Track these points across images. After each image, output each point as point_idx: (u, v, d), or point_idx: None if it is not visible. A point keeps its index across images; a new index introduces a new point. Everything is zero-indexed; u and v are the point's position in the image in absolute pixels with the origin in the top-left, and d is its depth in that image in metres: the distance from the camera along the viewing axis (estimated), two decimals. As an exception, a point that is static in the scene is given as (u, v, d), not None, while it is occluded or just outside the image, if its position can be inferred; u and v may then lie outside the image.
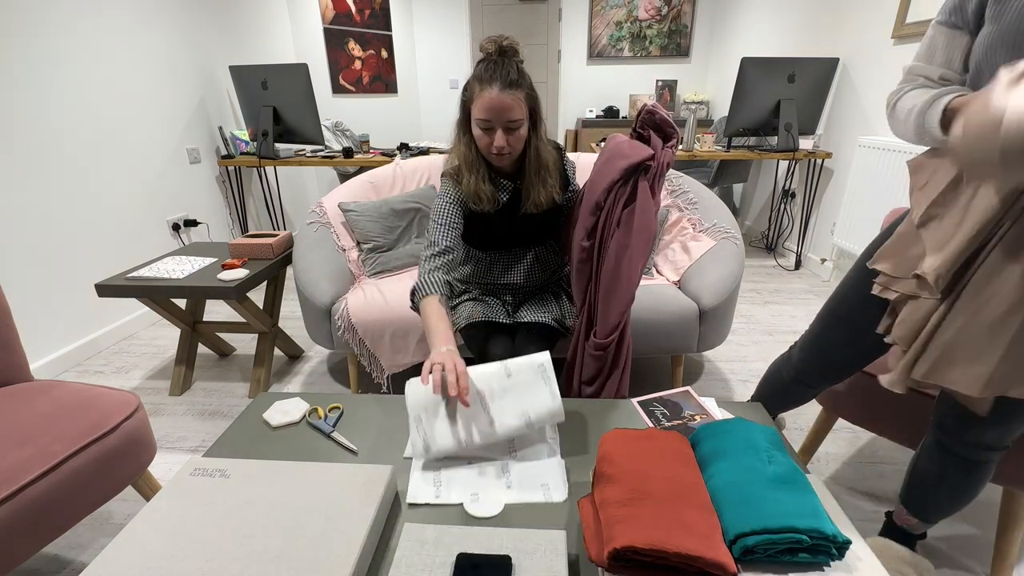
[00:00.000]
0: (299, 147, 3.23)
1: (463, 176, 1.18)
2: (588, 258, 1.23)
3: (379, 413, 1.03)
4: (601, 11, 4.59)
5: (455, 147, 1.20)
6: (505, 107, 1.06)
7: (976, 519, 1.29)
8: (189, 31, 2.74)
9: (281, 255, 1.85)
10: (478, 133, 1.12)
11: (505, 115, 1.07)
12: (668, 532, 0.58)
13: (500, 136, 1.09)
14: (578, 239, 1.23)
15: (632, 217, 1.15)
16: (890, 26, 2.40)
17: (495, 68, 1.06)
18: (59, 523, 0.96)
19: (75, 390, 1.15)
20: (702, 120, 4.35)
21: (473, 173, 1.17)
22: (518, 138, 1.12)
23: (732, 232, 1.78)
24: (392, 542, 0.72)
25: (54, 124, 2.02)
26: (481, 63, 1.09)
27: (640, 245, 1.16)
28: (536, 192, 1.21)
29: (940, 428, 0.91)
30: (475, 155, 1.17)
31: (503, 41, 1.08)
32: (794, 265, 3.14)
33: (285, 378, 2.00)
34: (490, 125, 1.09)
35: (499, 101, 1.05)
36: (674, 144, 1.17)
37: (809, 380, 1.13)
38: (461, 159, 1.18)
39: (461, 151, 1.18)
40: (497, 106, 1.05)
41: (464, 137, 1.16)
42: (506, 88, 1.05)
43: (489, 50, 1.09)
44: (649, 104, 1.19)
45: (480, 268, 1.42)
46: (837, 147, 2.86)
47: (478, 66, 1.09)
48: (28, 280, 1.94)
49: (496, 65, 1.06)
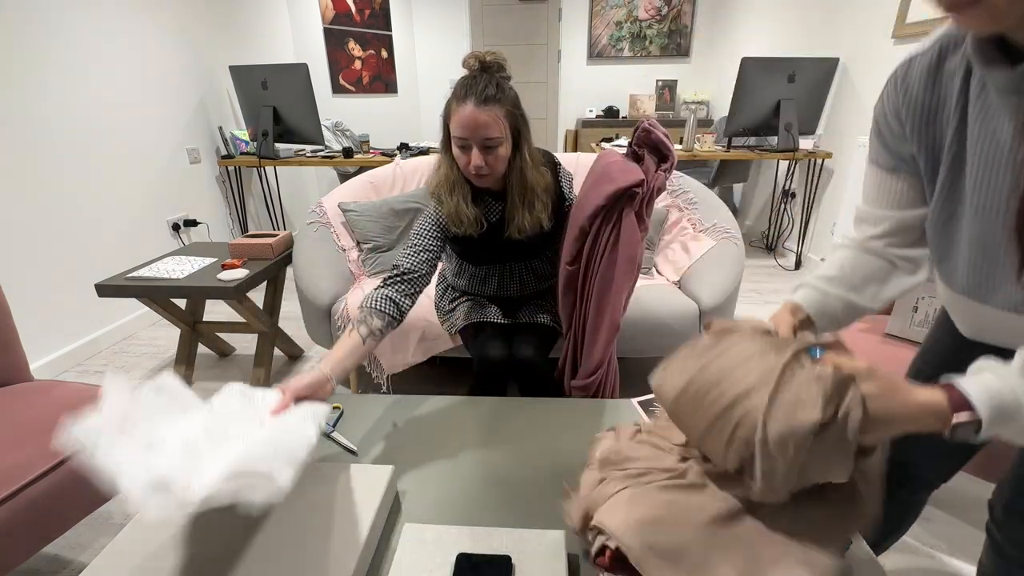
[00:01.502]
0: (299, 147, 3.23)
1: (443, 197, 1.13)
2: (572, 286, 1.19)
3: (379, 413, 1.03)
4: (601, 11, 4.59)
5: (438, 167, 1.15)
6: (480, 124, 1.00)
7: (976, 519, 1.29)
8: (189, 31, 2.74)
9: (281, 255, 1.85)
10: (456, 152, 1.07)
11: (481, 132, 1.01)
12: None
13: (476, 155, 1.03)
14: (564, 260, 1.20)
15: (616, 249, 1.10)
16: (890, 26, 2.40)
17: (472, 83, 1.02)
18: (59, 523, 0.96)
19: (75, 390, 1.15)
20: (702, 120, 4.35)
21: (455, 194, 1.12)
22: (497, 158, 1.05)
23: (732, 232, 1.78)
24: (392, 542, 0.72)
25: (54, 124, 2.02)
26: (461, 79, 1.05)
27: (623, 277, 1.12)
28: (521, 217, 1.14)
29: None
30: (457, 175, 1.12)
31: (486, 57, 1.05)
32: (794, 265, 3.14)
33: (285, 378, 2.00)
34: (467, 143, 1.03)
35: (473, 118, 1.00)
36: (669, 167, 1.12)
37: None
38: (443, 179, 1.13)
39: (443, 171, 1.13)
40: (471, 123, 1.00)
41: (446, 157, 1.11)
42: (481, 104, 1.00)
43: (471, 66, 1.05)
44: (646, 122, 1.13)
45: (475, 282, 1.39)
46: (837, 147, 2.86)
47: (458, 82, 1.05)
48: (28, 280, 1.94)
49: (474, 80, 1.03)
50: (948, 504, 1.33)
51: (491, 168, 1.06)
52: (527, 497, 0.80)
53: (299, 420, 0.71)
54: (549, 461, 0.88)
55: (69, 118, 2.08)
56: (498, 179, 1.12)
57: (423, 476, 0.85)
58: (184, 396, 0.71)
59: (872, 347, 1.28)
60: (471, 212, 1.13)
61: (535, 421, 0.99)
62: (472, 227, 1.14)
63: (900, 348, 1.28)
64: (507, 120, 1.04)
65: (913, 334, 1.31)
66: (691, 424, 0.59)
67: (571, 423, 0.98)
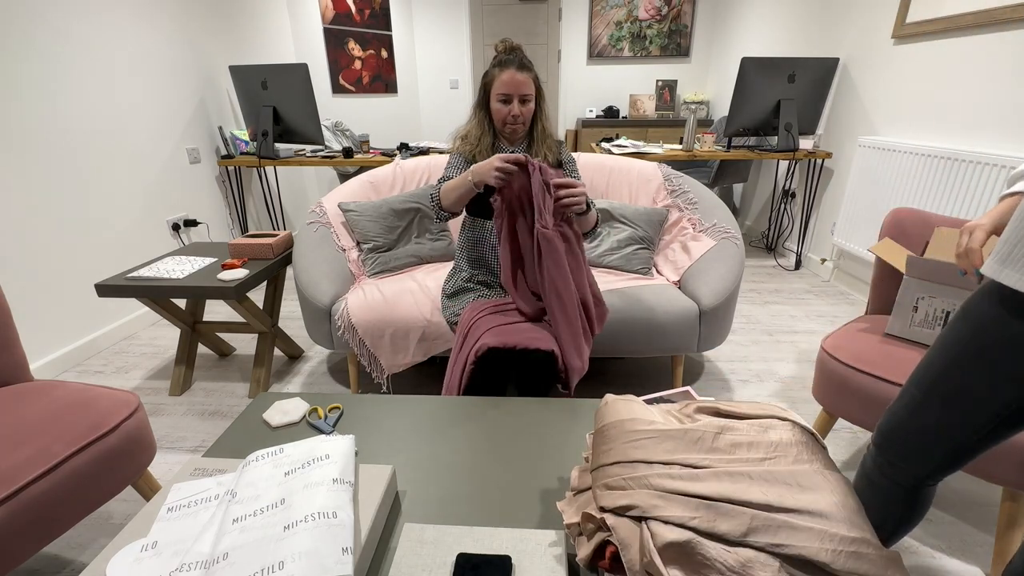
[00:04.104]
0: (299, 147, 3.23)
1: (472, 140, 1.44)
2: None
3: (379, 413, 1.03)
4: (601, 11, 4.59)
5: (471, 121, 1.46)
6: (520, 82, 1.34)
7: (976, 519, 1.29)
8: (189, 31, 2.74)
9: (281, 255, 1.85)
10: (497, 107, 1.38)
11: (521, 88, 1.34)
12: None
13: (516, 106, 1.36)
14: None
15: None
16: (890, 26, 2.40)
17: (510, 57, 1.35)
18: (59, 523, 0.96)
19: (75, 390, 1.15)
20: (702, 120, 4.35)
21: (483, 137, 1.44)
22: (529, 110, 1.39)
23: (732, 232, 1.78)
24: (392, 542, 0.72)
25: (54, 124, 2.02)
26: (497, 55, 1.39)
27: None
28: (542, 155, 1.45)
29: None
30: (486, 127, 1.44)
31: (512, 42, 1.39)
32: (794, 265, 3.14)
33: (285, 378, 2.00)
34: (509, 97, 1.36)
35: (515, 78, 1.33)
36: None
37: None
38: (475, 127, 1.45)
39: (476, 123, 1.45)
40: (513, 82, 1.33)
41: (480, 113, 1.43)
42: (520, 69, 1.34)
43: (503, 48, 1.39)
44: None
45: (486, 249, 1.49)
46: (837, 147, 2.86)
47: (496, 57, 1.38)
48: (28, 280, 1.94)
49: (512, 54, 1.36)
50: (948, 504, 1.33)
51: (524, 117, 1.39)
52: (527, 497, 0.80)
53: (328, 497, 0.66)
54: (549, 461, 0.88)
55: (69, 118, 2.08)
56: (521, 135, 1.45)
57: (423, 476, 0.85)
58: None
59: (872, 347, 1.28)
60: (488, 145, 1.45)
61: (535, 421, 0.99)
62: (485, 157, 1.40)
63: (900, 348, 1.28)
64: (535, 84, 1.38)
65: (913, 334, 1.31)
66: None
67: (571, 423, 0.98)
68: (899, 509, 0.88)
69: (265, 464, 0.74)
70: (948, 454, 0.78)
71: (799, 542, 0.53)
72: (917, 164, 2.22)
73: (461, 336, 1.33)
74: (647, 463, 0.61)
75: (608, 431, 0.67)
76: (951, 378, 0.74)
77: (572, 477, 0.72)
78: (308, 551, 0.59)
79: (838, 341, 1.33)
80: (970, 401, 0.72)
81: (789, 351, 2.13)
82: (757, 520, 0.54)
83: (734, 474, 0.58)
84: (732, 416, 0.69)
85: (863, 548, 0.54)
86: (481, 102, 1.43)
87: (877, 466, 0.87)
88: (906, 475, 0.84)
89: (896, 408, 0.83)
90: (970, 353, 0.71)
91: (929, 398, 0.77)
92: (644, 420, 0.66)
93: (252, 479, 0.72)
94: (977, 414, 0.72)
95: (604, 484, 0.62)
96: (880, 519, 0.89)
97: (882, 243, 1.46)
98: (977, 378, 0.71)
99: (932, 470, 0.81)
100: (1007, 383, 0.68)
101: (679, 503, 0.56)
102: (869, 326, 1.41)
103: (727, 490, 0.57)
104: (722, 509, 0.55)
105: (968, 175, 1.99)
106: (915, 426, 0.79)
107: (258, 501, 0.68)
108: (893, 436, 0.83)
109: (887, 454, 0.85)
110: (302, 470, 0.71)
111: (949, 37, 2.10)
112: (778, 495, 0.56)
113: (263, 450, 0.77)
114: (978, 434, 0.74)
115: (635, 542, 0.56)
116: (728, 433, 0.63)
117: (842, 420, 1.48)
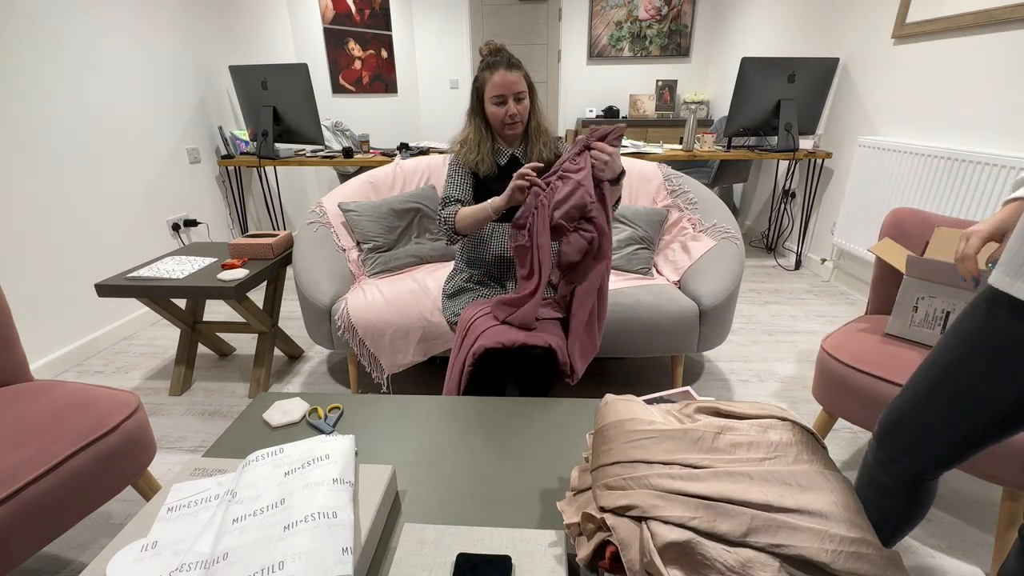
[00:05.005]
0: (299, 147, 3.23)
1: (471, 146, 1.43)
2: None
3: (379, 413, 1.03)
4: (601, 11, 4.59)
5: (467, 128, 1.46)
6: (511, 81, 1.33)
7: (976, 519, 1.29)
8: (189, 31, 2.74)
9: (281, 255, 1.85)
10: (492, 109, 1.37)
11: (514, 87, 1.34)
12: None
13: (512, 105, 1.35)
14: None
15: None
16: (890, 26, 2.40)
17: (497, 58, 1.34)
18: (59, 523, 0.96)
19: (75, 390, 1.15)
20: (702, 120, 4.35)
21: (483, 142, 1.44)
22: (525, 107, 1.38)
23: (732, 232, 1.78)
24: (392, 542, 0.72)
25: (54, 124, 2.02)
26: (484, 59, 1.37)
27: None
28: (538, 151, 1.46)
29: None
30: (484, 132, 1.44)
31: (496, 43, 1.38)
32: (794, 265, 3.14)
33: (285, 378, 2.00)
34: (503, 98, 1.35)
35: (506, 78, 1.32)
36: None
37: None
38: (472, 132, 1.44)
39: (473, 128, 1.45)
40: (505, 82, 1.33)
41: (475, 119, 1.43)
42: (510, 68, 1.33)
43: (487, 51, 1.38)
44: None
45: (487, 249, 1.51)
46: (837, 147, 2.86)
47: (482, 61, 1.37)
48: (28, 280, 1.94)
49: (497, 55, 1.35)
50: (948, 504, 1.33)
51: (521, 115, 1.37)
52: (527, 497, 0.80)
53: (328, 496, 0.66)
54: (549, 461, 0.88)
55: (69, 118, 2.08)
56: (518, 135, 1.44)
57: (423, 476, 0.85)
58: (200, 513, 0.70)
59: (872, 347, 1.28)
60: (490, 158, 1.45)
61: (535, 421, 0.99)
62: (490, 168, 1.44)
63: (900, 348, 1.28)
64: (526, 80, 1.37)
65: (913, 334, 1.31)
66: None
67: (570, 423, 0.98)
68: (900, 506, 0.88)
69: (265, 464, 0.74)
70: (950, 450, 0.78)
71: (799, 542, 0.53)
72: (917, 164, 2.22)
73: (460, 336, 1.33)
74: (647, 463, 0.61)
75: (608, 431, 0.67)
76: (956, 376, 0.74)
77: (572, 477, 0.72)
78: (308, 551, 0.59)
79: (838, 341, 1.33)
80: (974, 399, 0.72)
81: (789, 351, 2.13)
82: (757, 520, 0.54)
83: (734, 474, 0.58)
84: (732, 416, 0.69)
85: (863, 548, 0.54)
86: (475, 107, 1.42)
87: (878, 462, 0.87)
88: (906, 469, 0.84)
89: (899, 403, 0.83)
90: (976, 352, 0.71)
91: (933, 395, 0.77)
92: (644, 420, 0.66)
93: (252, 479, 0.72)
94: (981, 412, 0.72)
95: (604, 484, 0.62)
96: (881, 517, 0.89)
97: (882, 243, 1.46)
98: (982, 377, 0.71)
99: (932, 465, 0.81)
100: (1012, 383, 0.69)
101: (679, 503, 0.56)
102: (869, 326, 1.41)
103: (727, 490, 0.56)
104: (722, 509, 0.55)
105: (968, 175, 1.99)
106: (917, 421, 0.79)
107: (258, 501, 0.68)
108: (894, 430, 0.83)
109: (888, 448, 0.85)
110: (302, 470, 0.71)
111: (949, 37, 2.10)
112: (778, 495, 0.56)
113: (263, 450, 0.77)
114: (981, 432, 0.74)
115: (635, 542, 0.56)
116: (728, 433, 0.63)
117: (842, 420, 1.48)
